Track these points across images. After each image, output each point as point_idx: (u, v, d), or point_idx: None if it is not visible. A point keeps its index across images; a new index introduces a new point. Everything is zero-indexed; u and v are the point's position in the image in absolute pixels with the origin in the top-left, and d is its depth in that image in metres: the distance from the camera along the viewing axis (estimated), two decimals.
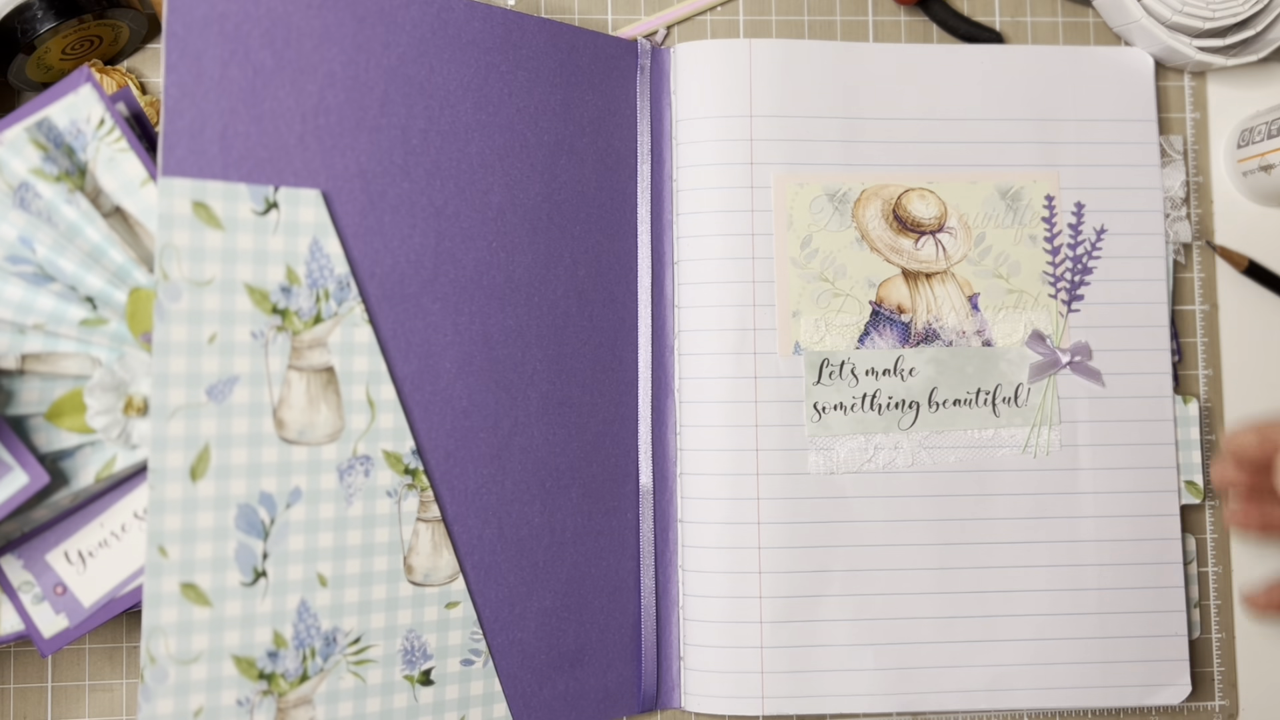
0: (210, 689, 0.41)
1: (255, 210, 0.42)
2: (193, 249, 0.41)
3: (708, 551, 0.52)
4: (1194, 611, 0.54)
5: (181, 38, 0.41)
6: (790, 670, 0.51)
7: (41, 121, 0.43)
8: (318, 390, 0.44)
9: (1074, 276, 0.54)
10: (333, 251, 0.44)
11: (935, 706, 0.52)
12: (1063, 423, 0.53)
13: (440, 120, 0.47)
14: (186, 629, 0.41)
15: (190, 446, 0.41)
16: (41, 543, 0.45)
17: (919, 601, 0.52)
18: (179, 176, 0.41)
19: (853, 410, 0.52)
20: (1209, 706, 0.55)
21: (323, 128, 0.44)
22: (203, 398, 0.41)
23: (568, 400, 0.50)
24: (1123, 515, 0.53)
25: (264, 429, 0.42)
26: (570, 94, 0.51)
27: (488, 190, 0.48)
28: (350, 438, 0.44)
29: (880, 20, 0.57)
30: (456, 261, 0.47)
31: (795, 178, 0.53)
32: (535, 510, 0.49)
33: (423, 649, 0.46)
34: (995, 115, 0.54)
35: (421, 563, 0.46)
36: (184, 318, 0.41)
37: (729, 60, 0.53)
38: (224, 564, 0.41)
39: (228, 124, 0.42)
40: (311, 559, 0.43)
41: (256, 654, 0.42)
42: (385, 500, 0.45)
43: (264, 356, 0.42)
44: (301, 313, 0.43)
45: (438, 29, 0.47)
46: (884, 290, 0.53)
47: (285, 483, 0.43)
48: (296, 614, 0.43)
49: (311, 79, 0.44)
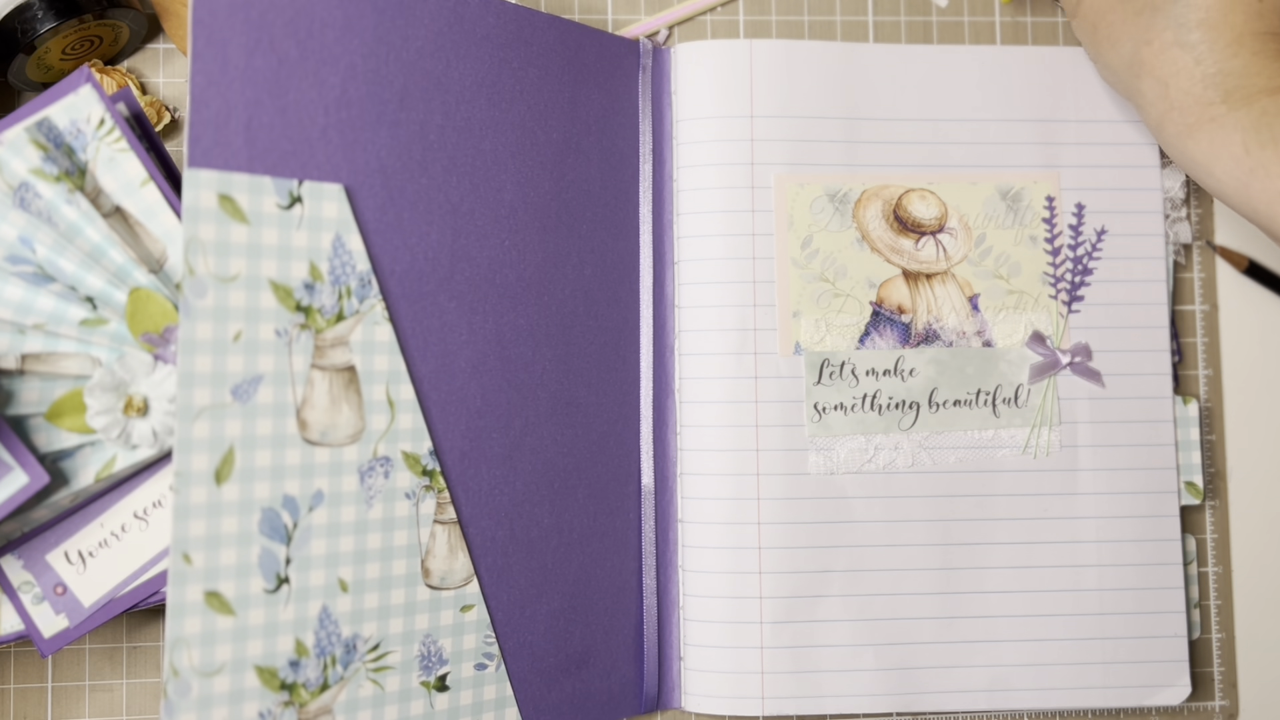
0: (233, 701, 0.40)
1: (280, 204, 0.42)
2: (218, 243, 0.40)
3: (708, 551, 0.52)
4: (1194, 612, 0.54)
5: (207, 25, 0.40)
6: (790, 670, 0.51)
7: (41, 121, 0.43)
8: (340, 390, 0.43)
9: (1074, 277, 0.54)
10: (355, 248, 0.43)
11: (935, 707, 0.52)
12: (1063, 423, 0.53)
13: (456, 116, 0.47)
14: (210, 639, 0.40)
15: (215, 449, 0.40)
16: (41, 543, 0.45)
17: (919, 602, 0.52)
18: (205, 168, 0.40)
19: (853, 410, 0.52)
20: (1209, 707, 0.55)
21: (344, 121, 0.43)
22: (228, 398, 0.40)
23: (575, 400, 0.50)
24: (1123, 516, 0.53)
25: (287, 430, 0.41)
26: (578, 92, 0.51)
27: (501, 188, 0.48)
28: (371, 439, 0.44)
29: (880, 20, 0.57)
30: (471, 260, 0.47)
31: (796, 178, 0.53)
32: (544, 511, 0.49)
33: (439, 654, 0.45)
34: (996, 116, 0.54)
35: (438, 565, 0.45)
36: (210, 314, 0.40)
37: (729, 60, 0.53)
38: (248, 570, 0.40)
39: (253, 115, 0.41)
40: (333, 564, 0.43)
41: (279, 664, 0.41)
42: (404, 502, 0.44)
43: (288, 355, 0.42)
44: (324, 310, 0.43)
45: (453, 23, 0.46)
46: (884, 291, 0.53)
47: (308, 485, 0.42)
48: (318, 621, 0.42)
49: (334, 71, 0.43)
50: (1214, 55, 0.45)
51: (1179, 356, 0.56)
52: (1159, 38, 0.46)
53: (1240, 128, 0.44)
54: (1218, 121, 0.45)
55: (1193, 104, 0.45)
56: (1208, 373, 0.56)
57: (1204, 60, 0.45)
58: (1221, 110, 0.45)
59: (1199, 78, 0.45)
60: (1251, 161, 0.44)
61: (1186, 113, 0.45)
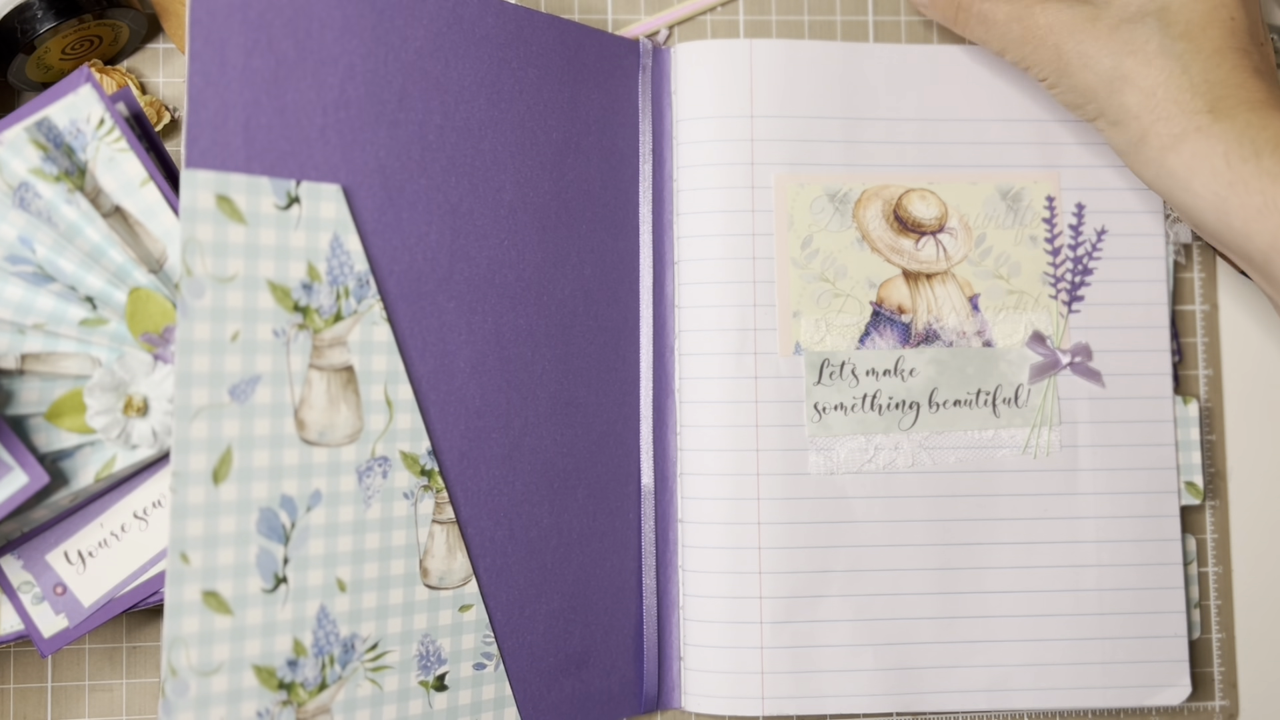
0: (231, 701, 0.40)
1: (278, 205, 0.42)
2: (216, 244, 0.40)
3: (708, 551, 0.52)
4: (1194, 612, 0.54)
5: (205, 25, 0.40)
6: (790, 670, 0.51)
7: (41, 121, 0.43)
8: (338, 390, 0.43)
9: (1074, 277, 0.54)
10: (353, 248, 0.43)
11: (935, 707, 0.52)
12: (1063, 423, 0.53)
13: (455, 116, 0.47)
14: (208, 639, 0.40)
15: (213, 449, 0.40)
16: (41, 543, 0.45)
17: (919, 602, 0.52)
18: (202, 169, 0.40)
19: (853, 411, 0.52)
20: (1209, 707, 0.55)
21: (343, 121, 0.43)
22: (225, 398, 0.40)
23: (574, 400, 0.50)
24: (1123, 516, 0.53)
25: (285, 430, 0.42)
26: (577, 92, 0.51)
27: (500, 188, 0.48)
28: (369, 439, 0.44)
29: (880, 20, 0.57)
30: (471, 260, 0.47)
31: (796, 178, 0.53)
32: (544, 511, 0.49)
33: (437, 654, 0.46)
34: (996, 116, 0.54)
35: (437, 565, 0.45)
36: (207, 315, 0.40)
37: (729, 60, 0.53)
38: (245, 570, 0.41)
39: (251, 115, 0.41)
40: (331, 563, 0.43)
41: (277, 663, 0.41)
42: (402, 502, 0.45)
43: (285, 355, 0.42)
44: (322, 310, 0.43)
45: (452, 23, 0.46)
46: (884, 291, 0.53)
47: (306, 485, 0.42)
48: (316, 620, 0.42)
49: (332, 71, 0.43)
50: (1199, 64, 0.45)
51: (1179, 356, 0.56)
52: (1143, 48, 0.46)
53: (1224, 139, 0.44)
54: (1203, 131, 0.44)
55: (1179, 113, 0.45)
56: (1208, 373, 0.56)
57: (1190, 68, 0.45)
58: (1207, 120, 0.44)
59: (1186, 85, 0.45)
60: (1232, 175, 0.44)
61: (1172, 122, 0.45)
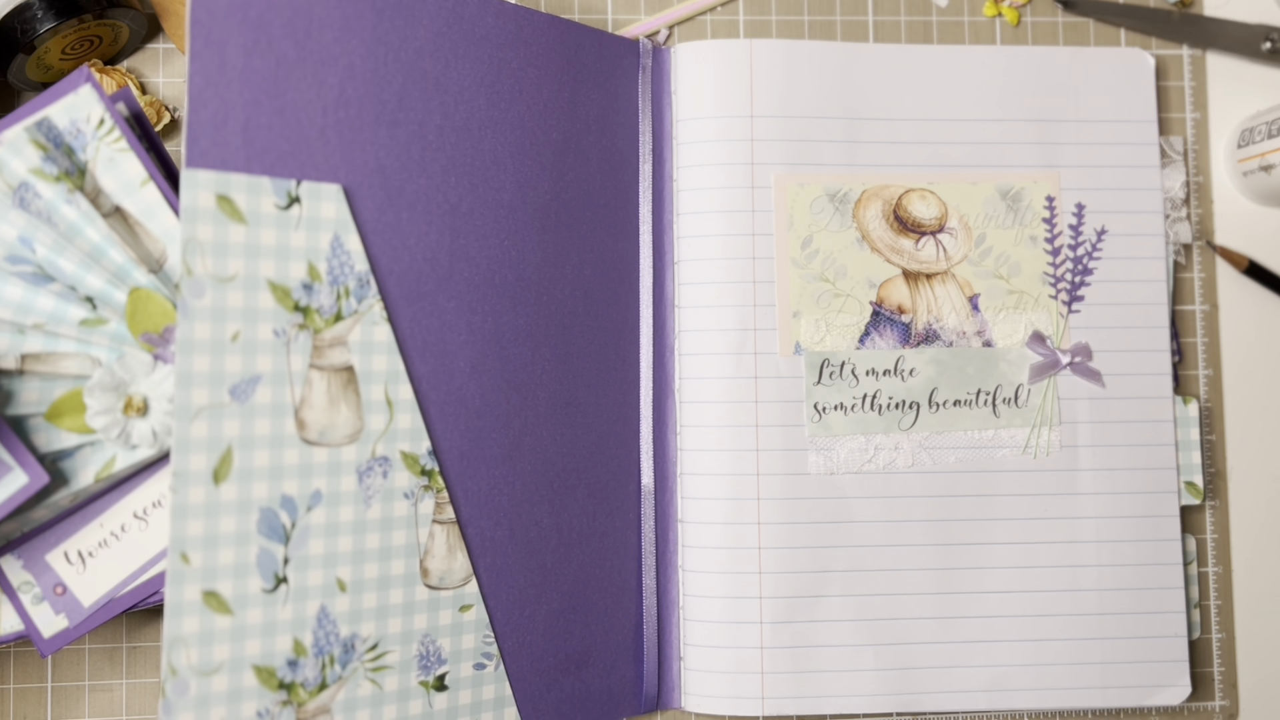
0: (231, 700, 0.40)
1: (278, 205, 0.42)
2: (216, 244, 0.40)
3: (708, 552, 0.52)
4: (1194, 612, 0.54)
5: (205, 25, 0.40)
6: (790, 670, 0.51)
7: (41, 121, 0.43)
8: (338, 390, 0.43)
9: (1074, 277, 0.54)
10: (353, 248, 0.43)
11: (935, 707, 0.52)
12: (1063, 423, 0.53)
13: (455, 116, 0.47)
14: (208, 639, 0.40)
15: (213, 449, 0.40)
16: (41, 543, 0.45)
17: (919, 602, 0.52)
18: (203, 169, 0.40)
19: (853, 410, 0.52)
20: (1209, 707, 0.55)
21: (343, 121, 0.43)
22: (226, 398, 0.40)
23: (574, 400, 0.50)
24: (1123, 516, 0.53)
25: (286, 430, 0.42)
26: (577, 92, 0.51)
27: (500, 188, 0.48)
28: (369, 438, 0.44)
29: (880, 20, 0.57)
30: (470, 259, 0.47)
31: (796, 178, 0.53)
32: (544, 511, 0.49)
33: (437, 653, 0.45)
34: (996, 116, 0.54)
35: (437, 565, 0.45)
36: (208, 315, 0.40)
37: (729, 60, 0.53)
38: (246, 570, 0.41)
39: (251, 115, 0.41)
40: (331, 563, 0.43)
41: (277, 663, 0.41)
42: (402, 502, 0.45)
43: (286, 355, 0.42)
44: (322, 310, 0.43)
45: (453, 23, 0.47)
46: (884, 291, 0.53)
47: (306, 485, 0.42)
48: (316, 620, 0.42)
49: (332, 71, 0.43)
50: None
51: (1179, 356, 0.56)
52: None
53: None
54: None
55: None
56: (1208, 373, 0.56)
57: None
58: None
59: None
60: None
61: None
